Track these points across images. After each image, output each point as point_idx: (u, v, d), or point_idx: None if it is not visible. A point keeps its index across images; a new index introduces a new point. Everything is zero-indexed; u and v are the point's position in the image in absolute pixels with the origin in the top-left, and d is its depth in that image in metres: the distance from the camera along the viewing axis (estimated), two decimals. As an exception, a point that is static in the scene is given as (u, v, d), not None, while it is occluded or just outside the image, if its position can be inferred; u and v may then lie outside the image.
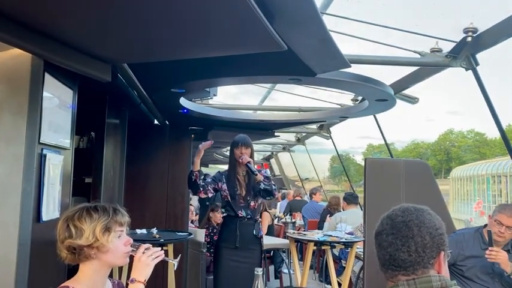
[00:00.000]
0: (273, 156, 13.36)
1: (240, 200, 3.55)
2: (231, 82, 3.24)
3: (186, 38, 1.85)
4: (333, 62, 2.61)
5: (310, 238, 4.22)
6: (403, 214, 1.31)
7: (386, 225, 1.32)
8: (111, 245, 1.54)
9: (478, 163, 31.69)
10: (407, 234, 1.28)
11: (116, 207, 1.63)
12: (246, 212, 3.54)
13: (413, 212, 1.31)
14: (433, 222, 1.31)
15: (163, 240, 3.60)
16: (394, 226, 1.30)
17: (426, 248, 1.27)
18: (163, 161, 4.97)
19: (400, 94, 4.39)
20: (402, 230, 1.29)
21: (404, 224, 1.29)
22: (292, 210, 8.24)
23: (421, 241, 1.27)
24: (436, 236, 1.29)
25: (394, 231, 1.29)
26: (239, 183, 3.59)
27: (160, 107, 4.01)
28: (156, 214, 4.88)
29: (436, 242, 1.28)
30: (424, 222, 1.29)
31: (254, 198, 3.56)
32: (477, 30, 2.88)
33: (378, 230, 1.35)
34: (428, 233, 1.28)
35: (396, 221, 1.30)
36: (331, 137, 7.49)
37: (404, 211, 1.32)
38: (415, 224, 1.28)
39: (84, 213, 1.55)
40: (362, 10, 3.36)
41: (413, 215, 1.30)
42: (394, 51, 3.35)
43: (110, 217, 1.56)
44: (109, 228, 1.54)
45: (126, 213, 1.64)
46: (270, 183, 3.53)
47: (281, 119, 4.92)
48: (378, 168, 3.66)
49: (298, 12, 1.89)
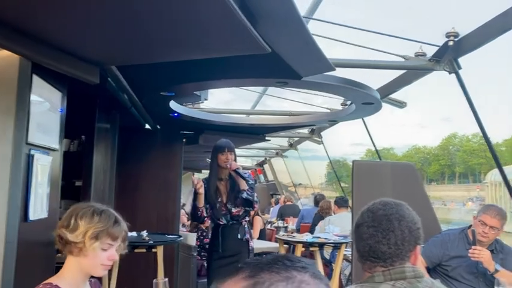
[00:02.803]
0: (267, 161, 13.40)
1: (222, 208, 3.49)
2: (219, 85, 3.29)
3: (171, 41, 1.90)
4: (318, 65, 2.66)
5: (298, 240, 4.25)
6: (384, 208, 1.36)
7: (367, 217, 1.37)
8: (92, 252, 1.55)
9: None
10: (388, 227, 1.33)
11: (119, 220, 1.63)
12: (227, 220, 3.47)
13: (394, 206, 1.37)
14: (412, 217, 1.37)
15: (152, 242, 3.62)
16: (375, 219, 1.35)
17: (405, 241, 1.32)
18: (154, 165, 4.99)
19: (388, 98, 4.46)
20: (383, 223, 1.33)
21: (385, 217, 1.34)
22: (283, 215, 8.27)
23: (401, 234, 1.32)
24: (414, 230, 1.34)
25: (375, 223, 1.34)
26: (220, 190, 3.52)
27: (150, 111, 4.04)
28: (147, 217, 4.89)
29: (414, 236, 1.34)
30: (404, 216, 1.34)
31: (236, 206, 3.47)
32: (459, 35, 2.95)
33: (359, 222, 1.40)
34: (408, 227, 1.33)
35: (377, 214, 1.35)
36: (322, 142, 7.55)
37: (385, 205, 1.37)
38: (396, 217, 1.33)
39: (89, 213, 1.58)
40: (348, 16, 3.44)
41: (394, 209, 1.35)
42: (379, 55, 3.43)
43: (106, 227, 1.57)
44: (98, 236, 1.55)
45: (126, 228, 1.65)
46: (252, 194, 3.43)
47: (271, 123, 4.98)
48: (365, 170, 3.70)
49: (280, 15, 1.94)
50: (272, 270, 0.59)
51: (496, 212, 2.93)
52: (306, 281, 0.59)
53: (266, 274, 0.59)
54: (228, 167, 3.40)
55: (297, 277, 0.59)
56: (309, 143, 8.46)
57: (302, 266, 0.61)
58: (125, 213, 1.74)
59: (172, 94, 3.30)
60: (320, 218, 6.58)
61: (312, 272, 0.61)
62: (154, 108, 3.92)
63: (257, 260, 0.63)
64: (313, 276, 0.60)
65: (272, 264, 0.60)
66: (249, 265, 0.62)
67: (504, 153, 68.40)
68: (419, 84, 3.90)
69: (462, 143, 77.18)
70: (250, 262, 0.63)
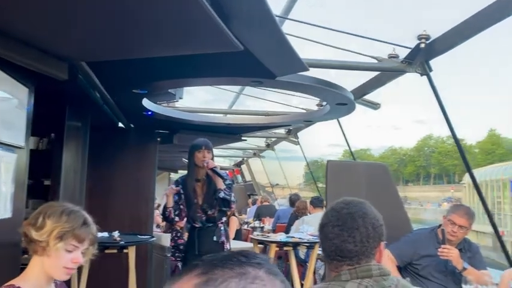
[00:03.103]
0: (244, 162, 13.40)
1: (197, 210, 3.41)
2: (193, 83, 3.26)
3: (140, 37, 1.87)
4: (292, 65, 2.67)
5: (272, 239, 4.25)
6: (347, 206, 1.37)
7: (332, 217, 1.37)
8: (55, 252, 1.50)
9: (490, 166, 29.90)
10: (353, 226, 1.33)
11: (88, 222, 1.58)
12: (203, 223, 3.40)
13: (357, 204, 1.38)
14: (374, 214, 1.38)
15: (123, 243, 3.55)
16: (340, 218, 1.35)
17: (370, 238, 1.33)
18: (128, 164, 4.91)
19: (362, 100, 4.51)
20: (348, 222, 1.34)
21: (349, 216, 1.34)
22: (260, 215, 8.26)
23: (365, 231, 1.33)
24: (377, 226, 1.35)
25: (340, 222, 1.34)
26: (196, 192, 3.43)
27: (123, 109, 3.97)
28: (120, 218, 4.80)
29: (378, 232, 1.35)
30: (367, 214, 1.35)
31: (212, 207, 3.39)
32: (430, 37, 3.01)
33: (324, 222, 1.40)
34: (371, 224, 1.34)
35: (342, 212, 1.36)
36: (299, 142, 7.59)
37: (348, 203, 1.38)
38: (359, 215, 1.34)
39: (58, 212, 1.53)
40: (325, 17, 3.47)
41: (357, 207, 1.36)
42: (354, 56, 3.47)
43: (72, 228, 1.52)
44: (63, 237, 1.51)
45: (94, 231, 1.60)
46: (230, 193, 3.33)
47: (247, 122, 4.97)
48: (339, 170, 3.74)
49: (253, 13, 1.93)
50: (226, 266, 0.59)
51: (464, 212, 2.99)
52: (260, 277, 0.59)
53: (219, 271, 0.58)
54: (205, 165, 3.32)
55: (251, 273, 0.58)
56: (287, 144, 8.50)
57: (257, 262, 0.61)
58: (97, 213, 1.70)
59: (145, 92, 3.25)
60: (296, 218, 6.60)
61: (267, 268, 0.61)
62: (127, 106, 3.85)
63: (213, 257, 0.62)
64: (268, 272, 0.60)
65: (227, 260, 0.60)
66: (204, 262, 0.61)
67: (477, 155, 70.38)
68: (396, 86, 3.97)
69: (437, 145, 79.01)
70: (205, 259, 0.62)
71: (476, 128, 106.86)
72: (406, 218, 3.62)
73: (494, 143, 70.16)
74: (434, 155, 77.93)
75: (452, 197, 55.00)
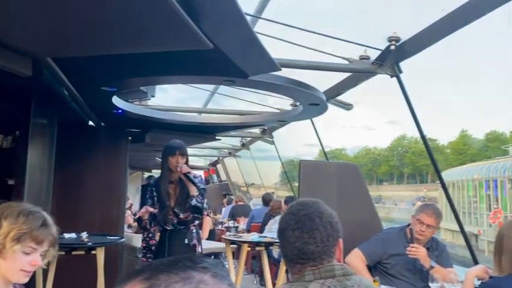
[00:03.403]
0: (220, 161, 13.34)
1: (169, 213, 3.36)
2: (164, 81, 3.21)
3: (104, 33, 1.82)
4: (264, 64, 2.66)
5: (243, 239, 4.23)
6: (303, 208, 1.37)
7: (290, 220, 1.36)
8: (11, 255, 1.45)
9: (465, 166, 30.17)
10: (312, 226, 1.33)
11: (48, 223, 1.53)
12: (174, 226, 3.36)
13: (312, 205, 1.38)
14: (329, 212, 1.39)
15: (91, 244, 3.46)
16: (298, 220, 1.35)
17: (329, 236, 1.34)
18: (98, 164, 4.80)
19: (335, 100, 4.55)
20: (306, 223, 1.34)
21: (307, 217, 1.34)
22: (235, 215, 8.24)
23: (325, 230, 1.33)
24: (334, 224, 1.37)
25: (299, 225, 1.34)
26: (169, 193, 3.39)
27: (93, 107, 3.88)
28: (90, 218, 4.70)
29: (336, 230, 1.36)
30: (323, 213, 1.36)
31: (184, 211, 3.34)
32: (400, 39, 3.05)
33: (283, 227, 1.39)
34: (329, 222, 1.35)
35: (299, 215, 1.36)
36: (274, 142, 7.60)
37: (303, 205, 1.38)
38: (316, 215, 1.35)
39: (15, 213, 1.48)
40: (296, 18, 3.47)
41: (313, 207, 1.37)
42: (326, 57, 3.47)
43: (30, 229, 1.47)
44: (21, 239, 1.45)
45: (54, 233, 1.55)
46: (202, 201, 3.29)
47: (221, 122, 4.93)
48: (311, 170, 3.75)
49: (222, 11, 1.91)
50: (170, 271, 0.58)
51: (432, 211, 3.05)
52: (204, 281, 0.58)
53: (164, 276, 0.57)
54: (178, 170, 3.26)
55: (196, 277, 0.58)
56: (264, 144, 8.49)
57: (203, 266, 0.61)
58: (66, 214, 1.65)
59: (114, 89, 3.18)
60: (270, 218, 6.62)
61: (214, 272, 0.60)
62: (96, 104, 3.76)
63: (158, 262, 0.62)
64: (214, 276, 0.60)
65: (172, 265, 0.60)
66: (149, 267, 0.60)
67: (449, 155, 72.35)
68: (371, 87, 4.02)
69: (410, 145, 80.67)
70: (150, 264, 0.62)
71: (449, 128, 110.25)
72: (377, 217, 3.67)
73: (466, 143, 72.28)
74: (408, 155, 79.57)
75: (425, 196, 56.33)
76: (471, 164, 31.36)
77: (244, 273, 7.22)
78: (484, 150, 64.94)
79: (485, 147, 66.09)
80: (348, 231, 3.45)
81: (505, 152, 35.58)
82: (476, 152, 66.45)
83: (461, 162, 65.41)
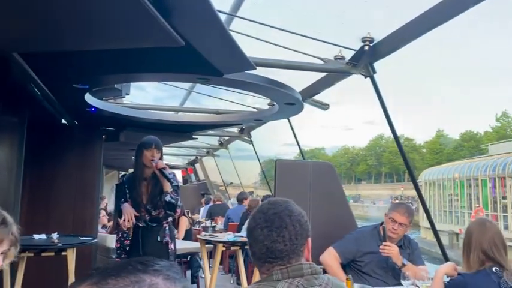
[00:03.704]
0: (198, 160, 13.26)
1: (141, 210, 3.30)
2: (137, 79, 3.16)
3: (72, 28, 1.77)
4: (238, 63, 2.64)
5: (219, 239, 4.21)
6: (273, 206, 1.37)
7: (259, 219, 1.36)
8: None
9: (445, 165, 30.14)
10: (281, 225, 1.33)
11: (7, 222, 1.49)
12: (147, 222, 3.31)
13: (282, 204, 1.38)
14: (299, 211, 1.39)
15: (61, 245, 3.38)
16: (267, 219, 1.34)
17: (298, 235, 1.33)
18: (71, 163, 4.69)
19: (312, 100, 4.57)
20: (275, 222, 1.33)
21: (276, 216, 1.34)
22: (212, 214, 8.21)
23: (293, 229, 1.33)
24: (303, 223, 1.37)
25: (268, 224, 1.34)
26: (141, 190, 3.32)
27: (65, 105, 3.79)
28: (62, 219, 4.59)
29: (304, 229, 1.36)
30: (292, 211, 1.36)
31: (156, 208, 3.29)
32: (374, 40, 3.08)
33: (252, 225, 1.38)
34: (298, 221, 1.35)
35: (268, 213, 1.35)
36: (252, 141, 7.60)
37: (273, 203, 1.38)
38: (286, 214, 1.35)
39: None
40: (273, 17, 3.46)
41: (283, 206, 1.37)
42: (302, 57, 3.48)
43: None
44: None
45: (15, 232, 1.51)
46: (176, 198, 3.23)
47: (198, 120, 4.89)
48: (287, 169, 3.76)
49: (193, 8, 1.89)
50: (120, 275, 0.57)
51: (404, 210, 3.09)
52: (156, 284, 0.57)
53: (113, 280, 0.56)
54: (153, 165, 3.19)
55: (146, 281, 0.57)
56: (243, 143, 8.48)
57: (155, 269, 0.60)
58: (37, 215, 1.60)
59: (86, 87, 3.11)
60: (247, 217, 6.60)
61: (166, 274, 0.60)
62: (68, 102, 3.68)
63: (109, 265, 0.61)
64: (166, 279, 0.59)
65: (122, 269, 0.59)
66: (98, 271, 0.59)
67: (426, 155, 73.89)
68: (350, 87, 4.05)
69: (388, 144, 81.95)
70: (100, 268, 0.61)
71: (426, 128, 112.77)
72: (351, 215, 3.71)
73: (442, 142, 73.97)
74: (385, 154, 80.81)
75: (403, 195, 57.34)
76: (452, 162, 31.37)
77: (222, 273, 7.19)
78: (460, 150, 66.60)
79: (461, 146, 67.77)
80: (323, 230, 3.50)
81: (485, 151, 36.16)
82: (452, 151, 68.08)
83: (438, 162, 66.92)
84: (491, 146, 31.67)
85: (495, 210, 21.92)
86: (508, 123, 63.14)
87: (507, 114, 63.02)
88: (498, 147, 28.08)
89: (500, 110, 65.43)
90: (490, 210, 21.94)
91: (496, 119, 64.25)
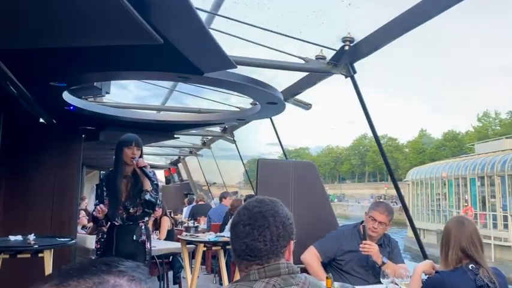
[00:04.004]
0: (181, 160, 13.16)
1: (119, 207, 3.28)
2: (116, 77, 3.11)
3: (45, 24, 1.72)
4: (218, 61, 2.63)
5: (200, 239, 4.18)
6: (259, 205, 1.35)
7: (243, 215, 1.34)
8: None
9: (432, 164, 29.70)
10: (264, 224, 1.31)
11: None
12: (123, 220, 3.27)
13: (269, 203, 1.36)
14: (285, 212, 1.37)
15: (37, 247, 3.30)
16: (251, 216, 1.33)
17: (280, 237, 1.32)
18: (49, 163, 4.59)
19: (294, 100, 4.58)
20: (259, 220, 1.32)
21: (260, 214, 1.33)
22: (195, 214, 8.16)
23: (276, 230, 1.31)
24: (288, 225, 1.35)
25: (251, 221, 1.32)
26: (121, 188, 3.29)
27: (42, 103, 3.71)
28: (40, 219, 4.50)
29: (288, 231, 1.35)
30: (278, 212, 1.34)
31: (134, 206, 3.27)
32: (354, 40, 3.09)
33: (235, 221, 1.37)
34: (282, 223, 1.33)
35: (253, 211, 1.34)
36: (235, 140, 7.58)
37: (260, 202, 1.36)
38: (271, 214, 1.33)
39: None
40: (255, 17, 3.44)
41: (269, 206, 1.35)
42: (284, 57, 3.48)
43: None
44: None
45: None
46: (156, 196, 3.24)
47: (179, 119, 4.85)
48: (269, 168, 3.76)
49: (170, 5, 1.86)
50: (82, 276, 0.56)
51: (384, 209, 3.12)
52: (120, 285, 0.56)
53: (74, 281, 0.55)
54: (134, 163, 3.18)
55: (110, 282, 0.56)
56: (226, 143, 8.44)
57: (120, 270, 0.59)
58: (14, 216, 1.56)
59: (64, 85, 3.05)
60: (230, 216, 6.59)
61: (131, 275, 0.59)
62: (46, 100, 3.60)
63: (71, 266, 0.59)
64: (131, 280, 0.58)
65: (85, 270, 0.57)
66: (60, 272, 0.58)
67: (409, 154, 74.94)
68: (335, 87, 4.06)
69: (372, 144, 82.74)
70: (63, 268, 0.59)
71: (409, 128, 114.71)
72: (332, 214, 3.72)
73: (424, 142, 75.09)
74: (369, 153, 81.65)
75: (386, 194, 58.02)
76: (439, 161, 31.01)
77: (204, 273, 7.16)
78: (442, 150, 67.69)
79: (443, 146, 68.86)
80: (305, 228, 3.50)
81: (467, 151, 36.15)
82: (435, 150, 69.12)
83: (421, 161, 67.87)
84: (477, 145, 31.37)
85: (484, 209, 21.91)
86: (489, 123, 64.37)
87: (488, 114, 64.31)
88: (485, 146, 27.88)
89: (482, 110, 66.82)
90: (478, 209, 21.94)
91: (477, 119, 65.53)
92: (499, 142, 27.16)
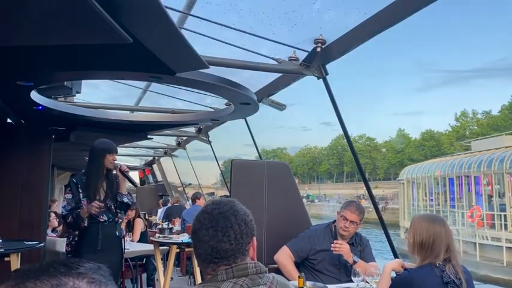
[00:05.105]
0: (155, 161, 12.99)
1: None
2: (86, 76, 3.05)
3: (4, 21, 1.67)
4: (190, 62, 2.61)
5: (172, 241, 4.15)
6: (218, 206, 1.36)
7: (204, 219, 1.34)
8: None
9: (427, 162, 28.31)
10: (226, 224, 1.32)
11: None
12: (108, 216, 3.53)
13: (227, 203, 1.37)
14: (244, 210, 1.39)
15: (3, 250, 3.21)
16: (212, 219, 1.33)
17: (243, 234, 1.33)
18: (17, 164, 4.46)
19: (269, 101, 4.59)
20: (220, 221, 1.32)
21: (221, 215, 1.33)
22: (169, 216, 8.07)
23: (239, 228, 1.33)
24: (248, 222, 1.37)
25: (213, 224, 1.32)
26: (99, 190, 3.54)
27: (9, 103, 3.60)
28: (8, 223, 4.37)
29: (250, 228, 1.36)
30: (238, 211, 1.36)
31: (115, 203, 3.57)
32: (326, 42, 3.13)
33: (196, 227, 1.36)
34: (243, 220, 1.35)
35: (213, 213, 1.34)
36: (210, 141, 7.54)
37: (218, 203, 1.37)
38: (231, 213, 1.34)
39: None
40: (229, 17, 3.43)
41: (228, 206, 1.36)
42: (257, 58, 3.49)
43: None
44: None
45: None
46: (132, 200, 3.66)
47: (152, 120, 4.79)
48: (243, 169, 3.76)
49: (140, 3, 1.84)
50: (40, 278, 0.55)
51: (355, 208, 3.17)
52: (79, 287, 0.56)
53: (31, 283, 0.54)
54: (117, 167, 3.52)
55: (69, 284, 0.56)
56: (202, 143, 8.38)
57: (79, 272, 0.58)
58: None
59: (31, 84, 2.97)
60: (205, 218, 6.53)
61: (91, 277, 0.58)
62: (13, 100, 3.49)
63: (29, 267, 0.58)
64: (91, 282, 0.57)
65: (43, 271, 0.56)
66: (18, 273, 0.57)
67: (387, 154, 76.27)
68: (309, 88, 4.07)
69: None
70: (21, 269, 0.58)
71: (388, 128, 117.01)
72: (305, 214, 3.75)
73: (396, 141, 76.56)
74: (347, 153, 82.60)
75: (365, 194, 58.80)
76: (432, 160, 29.47)
77: (179, 275, 7.09)
78: (421, 149, 69.05)
79: (422, 145, 70.21)
80: (279, 228, 3.51)
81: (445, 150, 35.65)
82: (413, 150, 70.41)
83: (400, 161, 69.06)
84: (474, 142, 29.31)
85: (491, 210, 19.87)
86: (466, 122, 65.93)
87: (466, 113, 65.91)
88: (482, 143, 25.98)
89: (459, 110, 68.40)
90: (484, 209, 19.98)
91: (455, 119, 67.09)
92: (497, 139, 25.72)
